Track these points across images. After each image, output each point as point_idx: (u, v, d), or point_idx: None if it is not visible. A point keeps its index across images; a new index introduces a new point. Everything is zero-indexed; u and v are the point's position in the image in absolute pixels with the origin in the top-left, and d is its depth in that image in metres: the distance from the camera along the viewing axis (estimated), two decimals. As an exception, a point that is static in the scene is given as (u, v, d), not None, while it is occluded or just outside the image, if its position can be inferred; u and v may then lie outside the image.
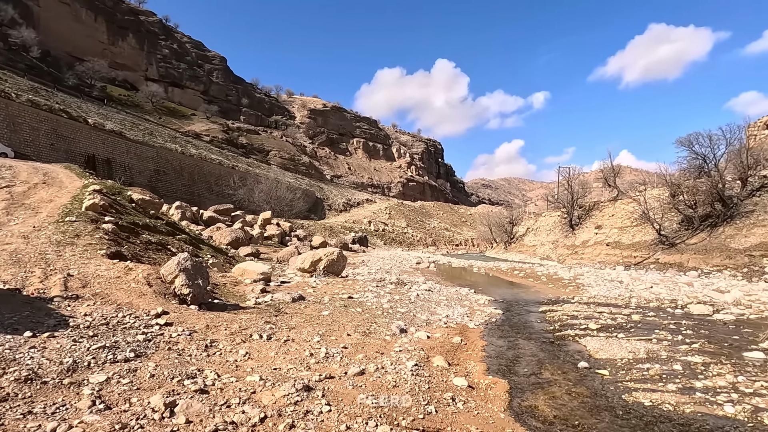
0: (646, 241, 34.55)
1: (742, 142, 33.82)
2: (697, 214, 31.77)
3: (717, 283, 18.45)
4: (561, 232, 48.66)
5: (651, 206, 34.44)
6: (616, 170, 48.63)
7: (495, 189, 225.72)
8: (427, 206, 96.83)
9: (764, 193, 29.73)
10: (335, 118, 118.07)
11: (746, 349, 6.98)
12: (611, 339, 7.93)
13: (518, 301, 13.71)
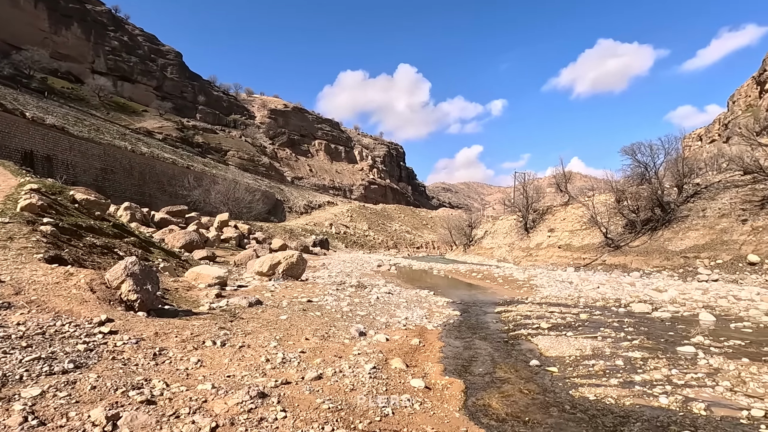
0: (594, 244, 36.54)
1: (679, 152, 36.62)
2: (639, 218, 34.01)
3: (656, 283, 19.80)
4: (517, 235, 50.48)
5: (598, 211, 36.50)
6: (567, 176, 51.18)
7: (455, 193, 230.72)
8: (389, 209, 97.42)
9: (697, 199, 32.29)
10: (296, 119, 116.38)
11: (679, 344, 7.55)
12: (561, 337, 8.32)
13: (475, 303, 14.07)
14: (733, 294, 14.46)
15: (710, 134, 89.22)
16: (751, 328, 9.16)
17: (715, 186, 32.78)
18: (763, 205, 26.86)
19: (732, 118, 78.96)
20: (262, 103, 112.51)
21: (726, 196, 30.50)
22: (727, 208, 29.15)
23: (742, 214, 27.51)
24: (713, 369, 6.14)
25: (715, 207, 30.10)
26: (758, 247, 24.24)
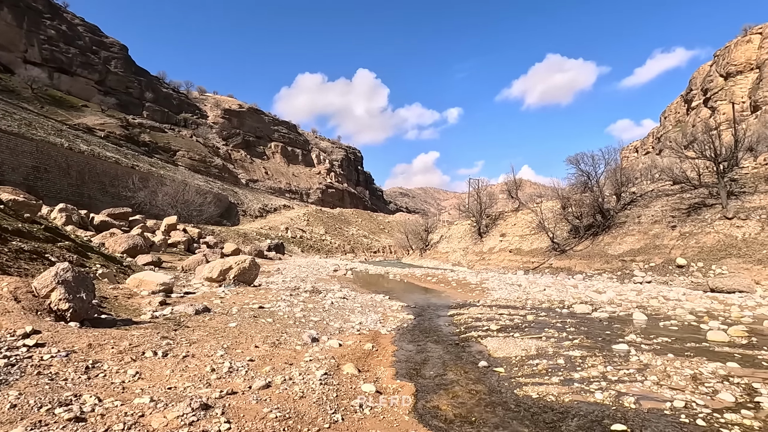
0: (542, 248, 38.34)
1: (617, 163, 39.34)
2: (582, 224, 36.13)
3: (597, 285, 21.07)
4: (471, 240, 51.95)
5: (546, 217, 38.37)
6: (518, 183, 53.47)
7: (412, 198, 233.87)
8: (346, 213, 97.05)
9: (633, 207, 34.79)
10: (252, 120, 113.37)
11: (615, 342, 8.08)
12: (508, 339, 8.64)
13: (430, 306, 14.31)
14: (663, 295, 15.67)
15: (645, 146, 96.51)
16: (676, 326, 9.98)
17: (649, 195, 35.49)
18: (689, 213, 29.38)
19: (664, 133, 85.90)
20: (215, 103, 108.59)
21: (658, 204, 33.09)
22: (659, 215, 31.63)
23: (671, 221, 29.94)
24: (643, 365, 6.62)
25: (648, 214, 32.56)
26: (685, 251, 26.47)
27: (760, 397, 5.16)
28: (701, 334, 8.81)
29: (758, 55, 69.88)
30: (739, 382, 5.70)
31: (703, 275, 23.27)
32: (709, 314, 11.42)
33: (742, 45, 72.49)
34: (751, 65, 70.61)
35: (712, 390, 5.43)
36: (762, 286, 20.32)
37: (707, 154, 29.09)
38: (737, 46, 73.22)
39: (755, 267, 22.24)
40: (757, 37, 71.02)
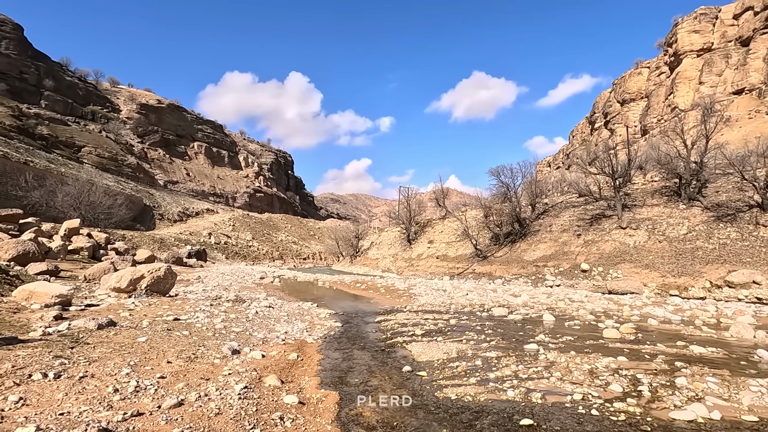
0: (467, 255, 40.33)
1: (533, 176, 42.77)
2: (502, 231, 38.66)
3: (513, 289, 22.61)
4: (400, 246, 53.07)
5: (470, 225, 40.46)
6: (445, 192, 55.80)
7: (343, 204, 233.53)
8: (275, 219, 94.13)
9: (546, 216, 37.99)
10: (173, 117, 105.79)
11: (527, 342, 8.73)
12: (432, 343, 8.95)
13: (358, 313, 14.35)
14: (569, 297, 17.26)
15: (556, 162, 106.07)
16: (579, 325, 11.04)
17: (559, 206, 39.02)
18: (592, 223, 32.76)
19: (572, 150, 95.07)
20: (130, 96, 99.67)
21: (566, 214, 36.50)
22: (567, 224, 34.88)
23: (577, 230, 33.14)
24: (550, 362, 7.23)
25: (558, 223, 35.77)
26: (588, 257, 29.43)
27: (641, 386, 5.89)
28: (599, 332, 9.85)
29: (647, 86, 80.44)
30: (626, 374, 6.46)
31: (602, 279, 26.03)
32: (605, 314, 12.80)
33: (635, 76, 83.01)
34: (641, 94, 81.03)
35: (605, 382, 6.09)
36: (648, 288, 23.24)
37: (606, 170, 32.77)
38: (631, 77, 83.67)
39: (643, 271, 25.37)
40: (646, 70, 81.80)
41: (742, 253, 22.83)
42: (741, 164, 26.41)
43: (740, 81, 62.62)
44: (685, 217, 27.97)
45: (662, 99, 73.39)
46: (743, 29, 66.13)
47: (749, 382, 5.87)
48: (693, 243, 25.53)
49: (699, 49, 70.40)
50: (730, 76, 64.48)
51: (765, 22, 61.84)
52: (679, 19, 74.06)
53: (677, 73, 71.42)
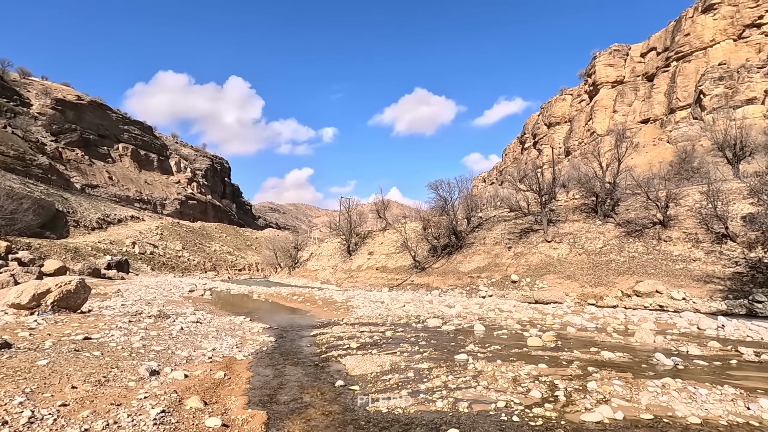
0: (406, 266, 41.00)
1: (469, 190, 44.70)
2: (440, 244, 39.86)
3: (449, 300, 23.32)
4: (340, 258, 52.71)
5: (409, 237, 41.26)
6: (385, 204, 56.53)
7: (283, 213, 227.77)
8: (209, 227, 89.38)
9: (480, 229, 39.81)
10: (94, 115, 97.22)
11: (457, 352, 9.03)
12: (366, 356, 8.95)
13: (293, 327, 13.98)
14: (499, 307, 18.13)
15: (491, 178, 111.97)
16: (506, 334, 11.63)
17: (492, 219, 41.10)
18: (521, 236, 34.85)
19: (504, 167, 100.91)
20: (43, 90, 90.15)
21: (499, 227, 38.53)
22: (499, 237, 36.80)
23: (508, 243, 35.06)
24: (478, 371, 7.53)
25: (491, 236, 37.64)
26: (517, 268, 31.19)
27: (558, 391, 6.32)
28: (524, 341, 10.44)
29: (570, 111, 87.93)
30: (546, 380, 6.90)
31: (530, 289, 27.70)
32: (531, 323, 13.61)
33: (560, 102, 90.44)
34: (565, 118, 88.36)
35: (527, 389, 6.45)
36: (570, 297, 25.11)
37: (534, 188, 35.17)
38: (556, 103, 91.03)
39: (566, 281, 27.39)
40: (569, 97, 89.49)
41: (647, 265, 25.48)
42: (647, 186, 29.67)
43: (646, 111, 70.61)
44: (601, 232, 30.72)
45: (583, 124, 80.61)
46: (648, 66, 74.91)
47: (647, 383, 6.53)
48: (607, 256, 28.07)
49: (613, 81, 78.50)
50: (639, 106, 72.53)
51: (665, 61, 70.57)
52: (597, 53, 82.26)
53: (595, 102, 78.96)
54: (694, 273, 23.31)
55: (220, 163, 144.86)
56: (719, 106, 58.61)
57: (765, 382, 6.77)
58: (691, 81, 64.21)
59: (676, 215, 27.88)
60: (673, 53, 68.79)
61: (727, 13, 63.63)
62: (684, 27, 67.76)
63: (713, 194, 24.79)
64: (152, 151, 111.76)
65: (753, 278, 21.07)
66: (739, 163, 33.44)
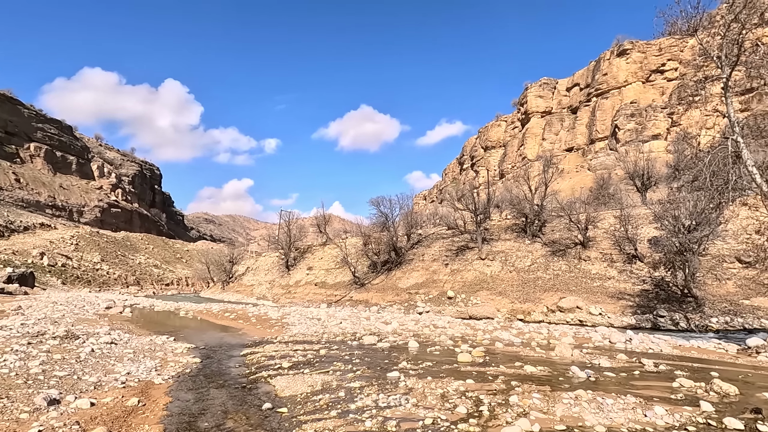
0: (345, 282, 40.70)
1: (410, 208, 45.69)
2: (380, 260, 40.12)
3: (386, 316, 23.43)
4: (278, 272, 51.13)
5: (350, 252, 41.10)
6: (327, 218, 56.00)
7: (219, 225, 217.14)
8: (134, 238, 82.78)
9: (419, 246, 40.71)
10: (2, 110, 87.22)
11: (390, 370, 9.07)
12: (298, 376, 8.70)
13: (222, 346, 13.26)
14: (434, 323, 18.54)
15: (431, 196, 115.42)
16: (439, 350, 11.90)
17: (431, 236, 42.25)
18: (458, 253, 36.12)
19: (444, 186, 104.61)
20: (-60, 78, 79.45)
21: (437, 245, 39.67)
22: (438, 254, 37.87)
23: (446, 260, 36.16)
24: (408, 389, 7.61)
25: (430, 253, 38.62)
26: (454, 285, 32.19)
27: (483, 406, 6.57)
28: (455, 357, 10.74)
29: (504, 136, 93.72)
30: (472, 395, 7.14)
31: (465, 305, 28.66)
32: (462, 339, 14.05)
33: (495, 127, 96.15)
34: (500, 143, 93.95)
35: (453, 405, 6.62)
36: (501, 313, 26.33)
37: (470, 207, 36.79)
38: (492, 127, 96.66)
39: (497, 297, 28.70)
40: (504, 123, 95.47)
41: (569, 283, 27.48)
42: (569, 209, 32.22)
43: (571, 141, 77.19)
44: (530, 251, 32.73)
45: (516, 149, 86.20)
46: (573, 100, 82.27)
47: (563, 395, 6.99)
48: (535, 273, 29.90)
49: (542, 111, 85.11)
50: (564, 136, 79.12)
51: (587, 96, 78.00)
52: (529, 84, 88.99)
53: (527, 129, 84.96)
54: (609, 290, 25.51)
55: (150, 169, 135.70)
56: (631, 140, 65.61)
57: (661, 390, 7.53)
58: (608, 116, 71.40)
59: (594, 237, 30.49)
60: (594, 90, 76.24)
61: (637, 58, 72.00)
62: (602, 67, 75.53)
63: (625, 219, 27.49)
64: (71, 153, 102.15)
65: (657, 295, 23.49)
66: (647, 192, 37.50)
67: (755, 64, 15.24)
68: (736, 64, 14.15)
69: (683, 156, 31.97)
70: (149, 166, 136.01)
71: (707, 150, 16.56)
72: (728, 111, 14.57)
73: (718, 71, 14.52)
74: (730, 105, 14.68)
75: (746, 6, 13.76)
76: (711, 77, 15.61)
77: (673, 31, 15.60)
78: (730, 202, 15.50)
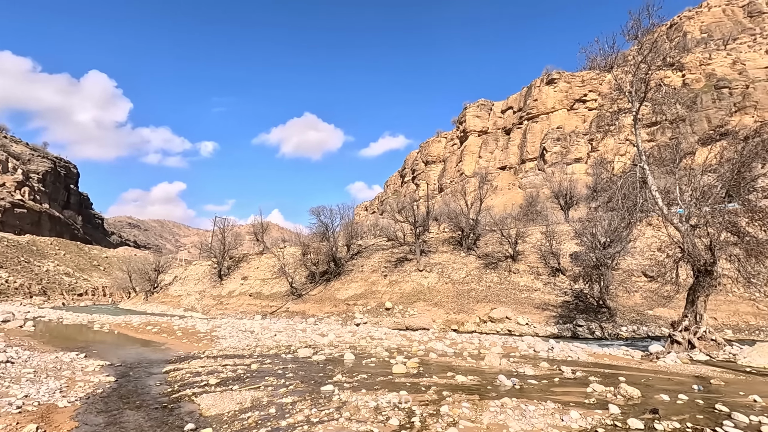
0: (282, 292, 39.54)
1: (351, 218, 45.64)
2: (318, 270, 39.52)
3: (323, 328, 23.04)
4: (210, 282, 48.45)
5: (288, 262, 40.08)
6: (265, 226, 54.26)
7: (145, 230, 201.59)
8: (41, 242, 74.29)
9: (359, 257, 40.71)
10: None
11: (324, 383, 8.90)
12: (226, 393, 8.26)
13: (142, 363, 12.24)
14: (371, 335, 18.54)
15: (372, 207, 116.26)
16: (375, 362, 11.91)
17: (371, 247, 42.45)
18: (397, 265, 36.60)
19: (385, 198, 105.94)
20: None
21: (377, 255, 39.92)
22: (377, 265, 38.10)
23: (384, 271, 36.47)
24: (342, 402, 7.51)
25: (369, 264, 38.76)
26: (392, 296, 32.51)
27: (414, 417, 6.66)
28: (390, 368, 10.80)
29: (444, 152, 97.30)
30: (405, 407, 7.22)
31: (402, 316, 29.02)
32: (398, 350, 14.19)
33: (436, 143, 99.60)
34: (440, 158, 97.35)
35: (386, 417, 6.65)
36: (436, 323, 26.98)
37: (410, 219, 37.59)
38: (433, 143, 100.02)
39: (433, 308, 29.41)
40: (444, 139, 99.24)
41: (500, 294, 28.91)
42: (501, 224, 34.08)
43: (504, 160, 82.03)
44: (465, 263, 34.05)
45: (454, 165, 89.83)
46: (507, 122, 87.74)
47: (490, 403, 7.29)
48: (469, 285, 31.11)
49: (479, 131, 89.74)
50: (498, 155, 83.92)
51: (519, 119, 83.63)
52: (468, 104, 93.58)
53: (465, 146, 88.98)
54: (535, 301, 27.20)
55: (65, 166, 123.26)
56: (557, 162, 71.12)
57: (577, 396, 8.12)
58: (538, 138, 76.95)
59: (523, 251, 32.45)
60: (525, 114, 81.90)
61: (563, 87, 78.64)
62: (533, 93, 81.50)
63: (550, 234, 29.60)
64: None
65: (576, 306, 25.46)
66: (569, 210, 40.75)
67: (658, 101, 17.33)
68: (644, 99, 15.96)
69: (600, 179, 35.25)
70: (64, 164, 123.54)
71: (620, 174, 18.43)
72: (637, 141, 16.35)
73: (629, 105, 16.28)
74: (639, 136, 16.49)
75: (652, 50, 15.64)
76: (624, 110, 17.48)
77: (593, 65, 17.31)
78: (638, 222, 17.29)
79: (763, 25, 79.63)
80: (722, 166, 15.82)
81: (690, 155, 27.60)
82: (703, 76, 67.40)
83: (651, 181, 15.40)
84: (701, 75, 67.60)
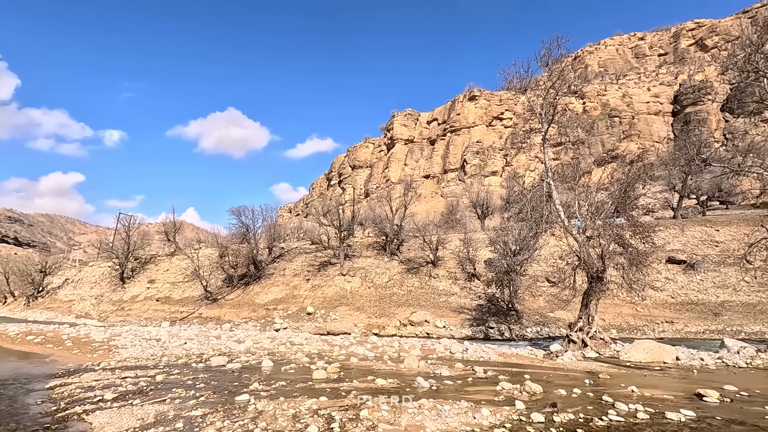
0: (195, 297, 36.89)
1: (273, 220, 44.13)
2: (237, 273, 37.56)
3: (240, 334, 21.92)
4: (109, 286, 43.66)
5: (202, 264, 37.52)
6: (177, 226, 50.27)
7: (29, 226, 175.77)
8: None
9: (281, 260, 39.48)
10: None
11: (239, 393, 8.45)
12: (124, 408, 7.46)
13: (19, 378, 10.61)
14: (291, 340, 18.05)
15: (297, 209, 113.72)
16: (294, 369, 11.60)
17: (294, 251, 41.42)
18: (320, 269, 36.10)
19: (310, 200, 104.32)
20: None
21: (300, 259, 39.04)
22: (300, 269, 37.24)
23: (307, 275, 35.78)
24: (258, 412, 7.18)
25: (292, 267, 37.76)
26: (314, 300, 31.97)
27: (334, 423, 6.59)
28: (310, 374, 10.59)
29: (371, 158, 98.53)
30: (324, 413, 7.11)
31: (323, 320, 28.65)
32: (319, 355, 13.98)
33: (363, 148, 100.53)
34: (367, 163, 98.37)
35: (305, 425, 6.49)
36: (358, 328, 27.06)
37: (335, 223, 37.38)
38: (360, 148, 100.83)
39: (356, 313, 29.47)
40: (372, 145, 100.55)
41: (421, 298, 29.86)
42: (424, 230, 35.30)
43: (428, 169, 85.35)
44: (388, 268, 34.66)
45: (381, 171, 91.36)
46: (432, 132, 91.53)
47: (407, 405, 7.47)
48: (391, 289, 31.71)
49: (406, 139, 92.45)
50: (423, 163, 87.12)
51: (443, 131, 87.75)
52: (395, 113, 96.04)
53: (391, 153, 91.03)
54: (452, 305, 28.53)
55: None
56: (475, 174, 75.66)
57: (487, 394, 8.65)
58: (459, 150, 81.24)
59: (443, 257, 33.91)
60: (449, 126, 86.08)
61: (483, 104, 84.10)
62: (456, 107, 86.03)
63: (467, 242, 31.30)
64: None
65: (489, 309, 27.16)
66: (485, 219, 43.48)
67: (564, 123, 19.32)
68: (551, 121, 17.67)
69: (513, 191, 38.23)
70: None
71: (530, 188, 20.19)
72: (545, 158, 18.03)
73: (539, 125, 17.93)
74: (546, 154, 18.20)
75: (560, 77, 17.40)
76: (534, 129, 19.19)
77: (510, 87, 18.90)
78: (544, 232, 19.04)
79: (646, 66, 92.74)
80: (612, 186, 18.08)
81: (587, 174, 31.12)
82: (599, 105, 76.51)
83: (555, 195, 17.07)
84: (598, 104, 76.69)
